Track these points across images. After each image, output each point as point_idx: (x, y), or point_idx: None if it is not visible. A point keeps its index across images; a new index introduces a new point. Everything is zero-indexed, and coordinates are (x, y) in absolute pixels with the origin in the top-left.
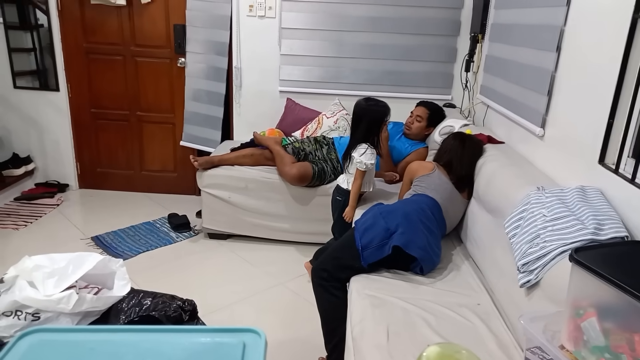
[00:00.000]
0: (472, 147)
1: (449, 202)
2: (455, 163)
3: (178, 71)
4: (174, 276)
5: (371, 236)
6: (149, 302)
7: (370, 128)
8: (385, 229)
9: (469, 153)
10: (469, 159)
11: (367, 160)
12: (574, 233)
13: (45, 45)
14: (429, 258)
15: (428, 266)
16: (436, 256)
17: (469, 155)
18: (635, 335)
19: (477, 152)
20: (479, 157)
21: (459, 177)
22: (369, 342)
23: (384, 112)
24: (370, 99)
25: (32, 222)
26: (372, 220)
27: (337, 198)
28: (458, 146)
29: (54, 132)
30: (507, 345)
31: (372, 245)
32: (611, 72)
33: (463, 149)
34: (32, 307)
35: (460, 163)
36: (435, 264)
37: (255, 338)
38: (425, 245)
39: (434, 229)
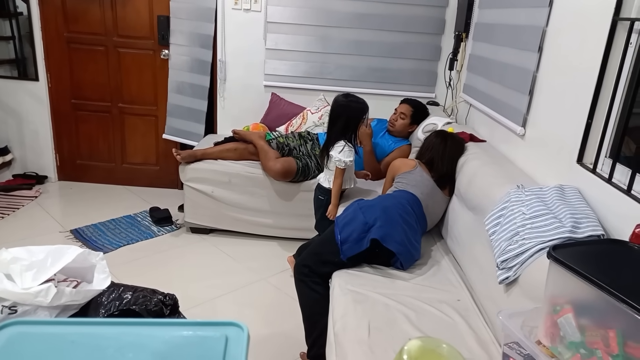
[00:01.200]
0: (453, 145)
1: (430, 198)
2: (436, 161)
3: (161, 63)
4: (155, 270)
5: (350, 230)
6: (130, 296)
7: (348, 125)
8: (363, 223)
9: (450, 151)
10: (451, 157)
11: (346, 157)
12: (552, 231)
13: (24, 33)
14: (407, 252)
15: (407, 261)
16: (415, 250)
17: (451, 153)
18: (610, 331)
19: (458, 150)
20: (460, 155)
21: (440, 175)
22: (350, 337)
23: (362, 109)
24: (349, 95)
25: (9, 214)
26: (351, 215)
27: (320, 197)
28: (440, 144)
29: (32, 123)
30: (485, 342)
31: (350, 239)
32: (591, 73)
33: (445, 147)
34: (9, 300)
35: (442, 161)
36: (414, 258)
37: (237, 331)
38: (403, 239)
39: (413, 223)
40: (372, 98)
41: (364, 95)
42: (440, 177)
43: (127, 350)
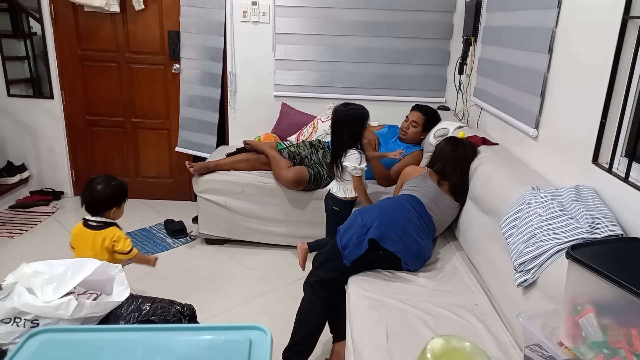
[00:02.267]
0: (464, 151)
1: (432, 201)
2: (448, 170)
3: (173, 77)
4: (171, 282)
5: (350, 235)
6: (148, 307)
7: (354, 132)
8: (361, 226)
9: (461, 158)
10: (462, 164)
11: (361, 164)
12: (569, 232)
13: (38, 53)
14: (406, 249)
15: (411, 259)
16: (419, 247)
17: (462, 160)
18: (632, 330)
19: (469, 155)
20: (472, 161)
21: (453, 184)
22: (368, 343)
23: (364, 115)
24: (348, 104)
25: (27, 230)
26: (351, 221)
27: (334, 208)
28: (450, 151)
29: (48, 140)
30: (505, 345)
31: (350, 243)
32: (603, 72)
33: (456, 154)
34: (31, 313)
35: (454, 169)
36: (421, 257)
37: (261, 335)
38: (402, 237)
39: (415, 220)
40: (383, 104)
41: (375, 102)
42: (453, 186)
43: (154, 354)
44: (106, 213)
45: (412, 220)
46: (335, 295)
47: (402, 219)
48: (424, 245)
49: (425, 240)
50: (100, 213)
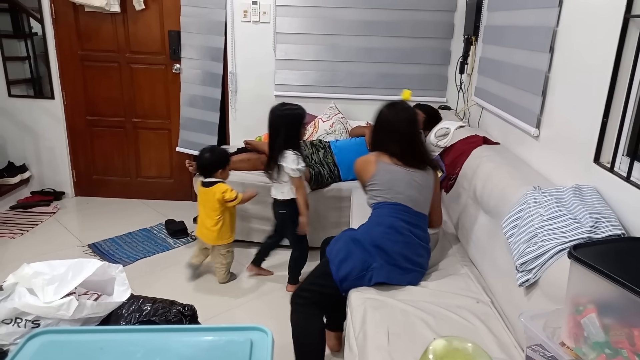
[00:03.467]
0: (400, 115)
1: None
2: (393, 147)
3: (173, 77)
4: (173, 282)
5: (348, 269)
6: (149, 308)
7: (290, 133)
8: (362, 261)
9: (402, 125)
10: (407, 131)
11: (297, 165)
12: (571, 232)
13: (39, 53)
14: (415, 277)
15: (418, 280)
16: (422, 267)
17: (404, 127)
18: (635, 330)
19: (411, 118)
20: (414, 120)
21: (412, 158)
22: (370, 344)
23: (300, 115)
24: (284, 104)
25: (29, 231)
26: (345, 251)
27: (280, 212)
28: (386, 123)
29: (49, 140)
30: (507, 345)
31: (350, 277)
32: (604, 71)
33: (394, 124)
34: (32, 314)
35: (401, 143)
36: (423, 272)
37: (262, 336)
38: (407, 267)
39: (413, 238)
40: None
41: (375, 102)
42: (414, 160)
43: (155, 355)
44: (214, 174)
45: (411, 243)
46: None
47: (402, 247)
48: (425, 259)
49: (425, 254)
50: (209, 175)
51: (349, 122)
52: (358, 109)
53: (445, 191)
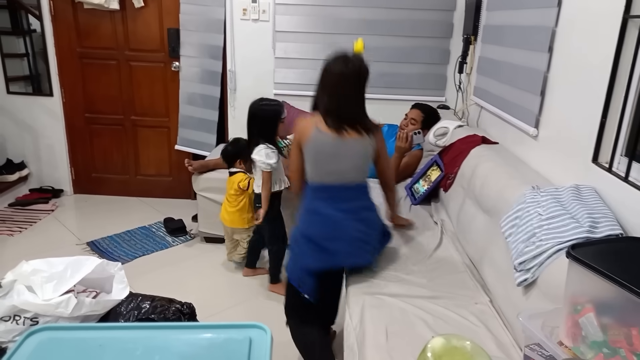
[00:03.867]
0: (343, 70)
1: (342, 162)
2: (327, 106)
3: (172, 75)
4: (171, 280)
5: (297, 273)
6: (148, 306)
7: (265, 127)
8: (302, 255)
9: (337, 80)
10: (345, 90)
11: (269, 160)
12: (569, 231)
13: (38, 50)
14: (360, 253)
15: (364, 257)
16: (366, 242)
17: (339, 82)
18: (633, 329)
19: (351, 73)
20: (356, 80)
21: (343, 124)
22: (368, 343)
23: (277, 111)
24: (263, 99)
25: (27, 228)
26: (291, 255)
27: (257, 205)
28: (325, 78)
29: (48, 138)
30: (505, 345)
31: (302, 280)
32: (603, 71)
33: (331, 82)
34: (31, 311)
35: (333, 103)
36: (369, 248)
37: (261, 334)
38: (339, 249)
39: (343, 218)
40: (382, 103)
41: (374, 101)
42: (347, 123)
43: (154, 353)
44: (234, 164)
45: (342, 222)
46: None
47: (332, 229)
48: (372, 231)
49: (370, 227)
50: (231, 165)
51: None
52: None
53: (444, 190)
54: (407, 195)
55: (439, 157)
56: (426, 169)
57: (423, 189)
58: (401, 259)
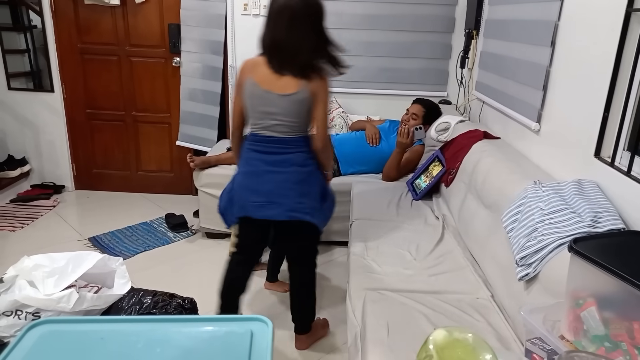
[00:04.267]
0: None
1: (275, 111)
2: (265, 42)
3: (173, 71)
4: (173, 276)
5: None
6: (149, 301)
7: None
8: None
9: (277, 10)
10: (285, 22)
11: None
12: (571, 226)
13: (39, 46)
14: (281, 212)
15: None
16: (299, 202)
17: (280, 13)
18: (634, 323)
19: (311, 9)
20: (301, 11)
21: (281, 65)
22: (370, 337)
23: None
24: None
25: (29, 224)
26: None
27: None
28: (269, 10)
29: (49, 133)
30: (507, 339)
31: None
32: (605, 65)
33: (273, 14)
34: (33, 306)
35: (271, 40)
36: (304, 205)
37: (262, 326)
38: (265, 202)
39: (273, 176)
40: (384, 98)
41: (376, 96)
42: (284, 64)
43: (156, 346)
44: None
45: (266, 176)
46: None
47: (272, 184)
48: (313, 184)
49: (303, 187)
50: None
51: (350, 117)
52: (358, 103)
53: (446, 185)
54: (409, 190)
55: (441, 153)
56: (428, 164)
57: (424, 184)
58: (403, 254)
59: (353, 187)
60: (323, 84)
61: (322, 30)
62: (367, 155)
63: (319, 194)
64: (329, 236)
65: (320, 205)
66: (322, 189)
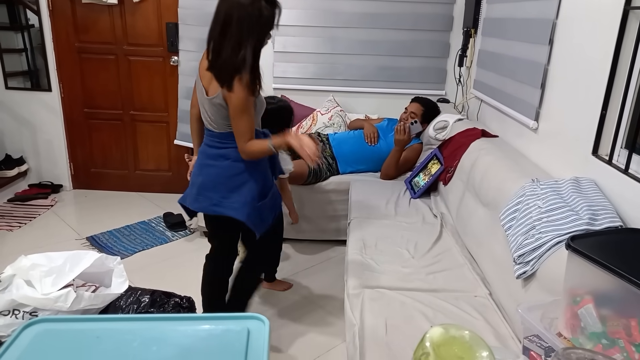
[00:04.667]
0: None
1: (205, 106)
2: (208, 40)
3: (171, 70)
4: (170, 275)
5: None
6: (147, 300)
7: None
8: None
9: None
10: (219, 25)
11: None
12: (569, 224)
13: (36, 45)
14: (199, 198)
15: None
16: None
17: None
18: (631, 320)
19: (247, 23)
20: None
21: (211, 67)
22: (368, 336)
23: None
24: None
25: (26, 224)
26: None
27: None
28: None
29: (47, 133)
30: (504, 337)
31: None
32: (603, 63)
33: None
34: (30, 305)
35: (209, 39)
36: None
37: (259, 325)
38: (199, 194)
39: (210, 169)
40: (382, 97)
41: (374, 95)
42: (213, 67)
43: (152, 344)
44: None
45: (210, 166)
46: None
47: (197, 177)
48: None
49: (225, 170)
50: None
51: (348, 115)
52: (357, 101)
53: (444, 184)
54: (407, 188)
55: (439, 151)
56: (426, 162)
57: (423, 182)
58: (401, 252)
59: (351, 185)
60: (232, 95)
61: (250, 39)
62: (366, 154)
63: (255, 191)
64: (327, 235)
65: (253, 202)
66: (260, 186)
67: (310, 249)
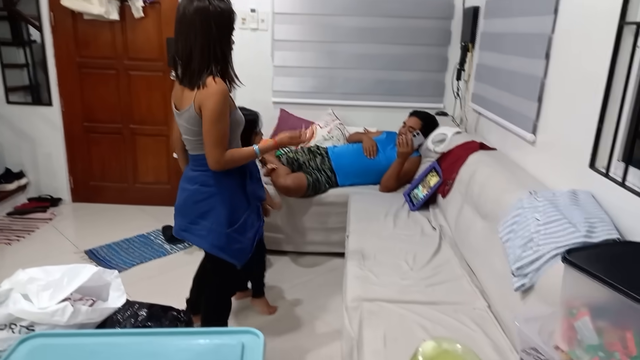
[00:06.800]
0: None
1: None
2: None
3: (171, 84)
4: (169, 288)
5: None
6: (145, 313)
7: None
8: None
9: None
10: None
11: None
12: (566, 236)
13: (38, 60)
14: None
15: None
16: (194, 222)
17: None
18: (627, 332)
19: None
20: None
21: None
22: (366, 349)
23: (252, 121)
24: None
25: (25, 237)
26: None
27: None
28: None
29: (46, 147)
30: (503, 349)
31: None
32: (599, 77)
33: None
34: (27, 320)
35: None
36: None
37: (254, 339)
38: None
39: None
40: (381, 110)
41: (373, 108)
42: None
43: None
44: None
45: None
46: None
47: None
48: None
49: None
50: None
51: (347, 129)
52: (356, 115)
53: (443, 196)
54: (406, 201)
55: (437, 164)
56: (425, 175)
57: (422, 194)
58: (400, 264)
59: (350, 198)
60: (208, 94)
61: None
62: (365, 168)
63: (223, 217)
64: (326, 247)
65: (220, 229)
66: (229, 212)
67: (309, 262)
